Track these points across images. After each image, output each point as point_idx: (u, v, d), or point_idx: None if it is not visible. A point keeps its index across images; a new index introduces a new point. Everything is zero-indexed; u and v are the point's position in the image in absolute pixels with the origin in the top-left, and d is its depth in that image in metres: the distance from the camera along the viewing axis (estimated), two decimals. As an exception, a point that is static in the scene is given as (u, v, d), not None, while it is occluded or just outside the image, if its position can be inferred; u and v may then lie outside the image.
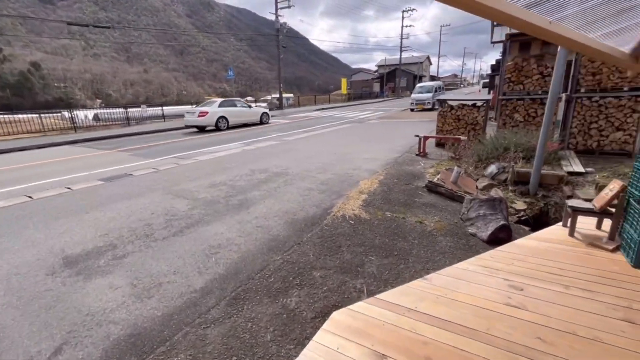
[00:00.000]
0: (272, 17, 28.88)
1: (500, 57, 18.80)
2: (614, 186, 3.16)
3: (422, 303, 2.32)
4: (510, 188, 5.51)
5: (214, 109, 14.86)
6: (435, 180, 5.61)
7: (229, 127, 15.51)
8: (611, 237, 3.16)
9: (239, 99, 19.70)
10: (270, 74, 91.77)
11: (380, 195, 5.15)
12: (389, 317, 2.18)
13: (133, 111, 19.28)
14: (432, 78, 65.80)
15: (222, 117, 15.00)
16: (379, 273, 3.09)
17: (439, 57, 70.15)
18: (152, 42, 79.87)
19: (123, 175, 7.11)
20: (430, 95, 22.40)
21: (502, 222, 3.84)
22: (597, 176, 5.25)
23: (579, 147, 6.97)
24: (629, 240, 2.84)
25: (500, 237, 3.82)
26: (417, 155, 7.89)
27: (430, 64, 74.13)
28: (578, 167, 5.52)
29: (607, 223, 3.30)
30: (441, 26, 63.64)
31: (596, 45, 2.95)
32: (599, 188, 4.72)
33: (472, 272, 2.72)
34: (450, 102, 8.58)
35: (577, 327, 2.04)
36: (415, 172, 6.45)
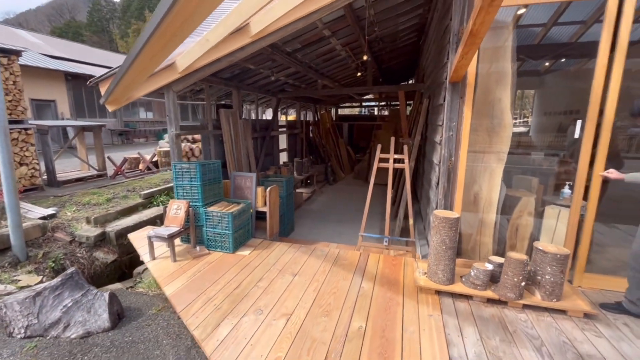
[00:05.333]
0: None
1: None
2: (178, 205, 3.64)
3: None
4: (-13, 267, 3.61)
5: None
6: None
7: None
8: (194, 245, 3.74)
9: None
10: None
11: None
12: None
13: None
14: None
15: None
16: None
17: None
18: None
19: None
20: None
21: (106, 293, 2.89)
22: (69, 212, 4.87)
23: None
24: (216, 239, 3.65)
25: (117, 310, 2.94)
26: None
27: None
28: (45, 210, 4.67)
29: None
30: None
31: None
32: (94, 221, 4.61)
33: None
34: None
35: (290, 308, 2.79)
36: None
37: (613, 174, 2.60)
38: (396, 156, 3.74)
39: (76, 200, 5.33)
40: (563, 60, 5.59)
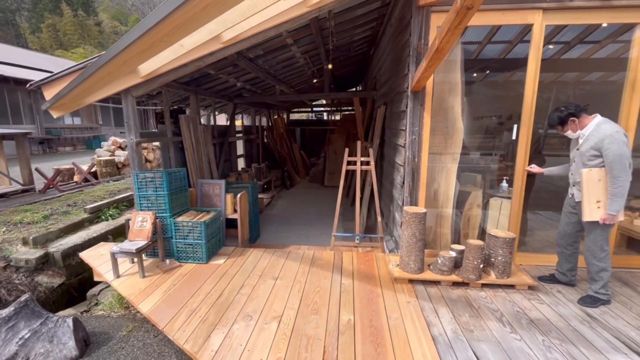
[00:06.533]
0: None
1: None
2: (144, 217, 3.42)
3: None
4: None
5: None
6: None
7: None
8: (163, 259, 3.54)
9: None
10: None
11: None
12: None
13: None
14: None
15: None
16: None
17: None
18: None
19: None
20: None
21: (69, 319, 2.62)
22: (-3, 234, 4.19)
23: None
24: (187, 250, 3.50)
25: (83, 336, 2.68)
26: None
27: None
28: None
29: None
30: None
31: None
32: (33, 241, 4.06)
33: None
34: None
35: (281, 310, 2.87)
36: None
37: (534, 168, 3.15)
38: (363, 159, 3.99)
39: (4, 219, 4.62)
40: (487, 72, 6.49)
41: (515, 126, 3.35)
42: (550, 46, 4.85)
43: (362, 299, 2.84)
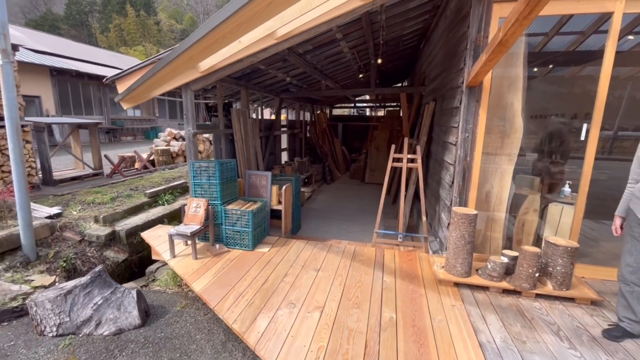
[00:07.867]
0: None
1: None
2: (197, 203, 3.67)
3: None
4: (-2, 267, 3.52)
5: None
6: None
7: None
8: (213, 243, 3.78)
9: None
10: None
11: None
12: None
13: None
14: None
15: None
16: None
17: None
18: None
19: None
20: None
21: (133, 291, 2.90)
22: (75, 211, 4.77)
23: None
24: (234, 236, 3.70)
25: (144, 308, 2.96)
26: None
27: None
28: (50, 209, 4.55)
29: (196, 236, 3.79)
30: None
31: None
32: (103, 220, 4.55)
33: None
34: None
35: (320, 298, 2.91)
36: None
37: (617, 225, 2.57)
38: (409, 156, 3.90)
39: (79, 199, 5.22)
40: (551, 66, 5.94)
41: (585, 126, 3.06)
42: (630, 37, 4.32)
43: (405, 297, 2.80)
